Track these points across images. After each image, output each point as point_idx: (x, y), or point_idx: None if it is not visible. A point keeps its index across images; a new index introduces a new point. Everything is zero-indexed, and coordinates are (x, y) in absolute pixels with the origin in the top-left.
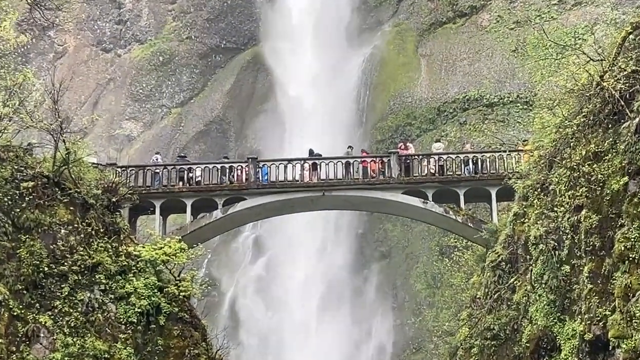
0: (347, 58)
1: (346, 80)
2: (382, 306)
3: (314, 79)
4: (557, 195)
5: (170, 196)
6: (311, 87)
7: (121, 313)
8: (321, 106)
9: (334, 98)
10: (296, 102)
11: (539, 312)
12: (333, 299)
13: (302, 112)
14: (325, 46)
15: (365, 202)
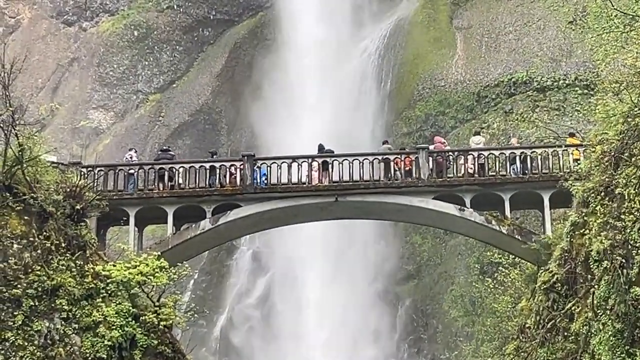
0: (366, 32)
1: (364, 60)
2: (409, 338)
3: (325, 58)
4: (625, 200)
5: (147, 203)
6: (322, 68)
7: (87, 347)
8: (334, 92)
9: (350, 82)
10: (303, 88)
11: (603, 344)
12: (348, 329)
13: (311, 100)
14: (339, 19)
15: (388, 210)
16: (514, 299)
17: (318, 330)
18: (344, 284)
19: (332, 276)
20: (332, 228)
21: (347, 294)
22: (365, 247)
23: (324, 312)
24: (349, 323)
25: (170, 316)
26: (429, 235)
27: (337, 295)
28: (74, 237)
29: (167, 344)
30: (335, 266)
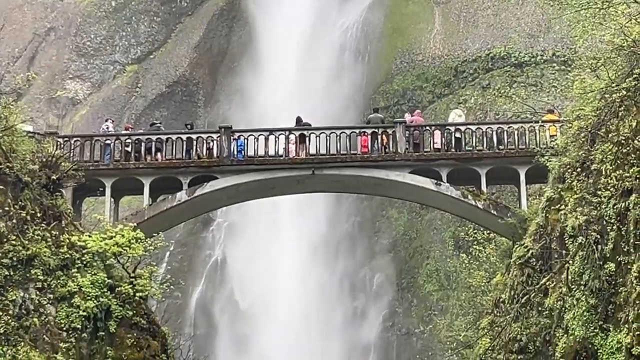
0: (346, 7)
1: (343, 34)
2: (384, 311)
3: (304, 32)
4: (601, 176)
5: (123, 174)
6: (300, 41)
7: (62, 317)
8: (312, 65)
9: (328, 56)
10: (281, 61)
11: (577, 320)
12: (323, 300)
13: (289, 73)
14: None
15: (364, 184)
16: (489, 273)
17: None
18: (318, 259)
19: (306, 250)
20: (308, 202)
21: (322, 267)
22: (342, 221)
23: (297, 284)
24: (321, 296)
25: (145, 287)
26: (405, 210)
27: (310, 269)
28: (50, 207)
29: (143, 315)
30: (309, 240)
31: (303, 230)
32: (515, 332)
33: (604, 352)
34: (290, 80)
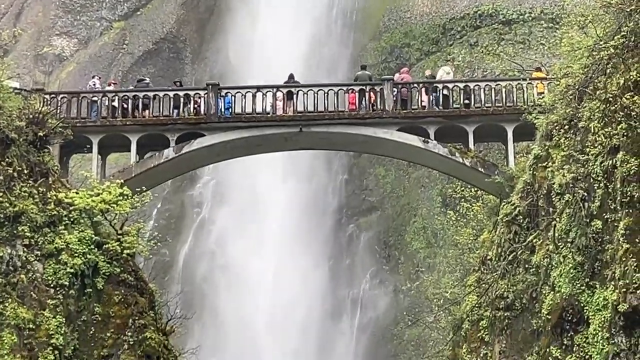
0: None
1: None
2: (371, 269)
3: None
4: (589, 133)
5: (110, 130)
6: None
7: (50, 274)
8: (299, 24)
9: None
10: (269, 18)
11: (563, 277)
12: (310, 258)
13: (278, 30)
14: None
15: (352, 141)
16: (476, 231)
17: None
18: (305, 216)
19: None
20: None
21: (309, 225)
22: (329, 179)
23: (283, 241)
24: (308, 254)
25: (133, 244)
26: (392, 167)
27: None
28: (37, 164)
29: (130, 272)
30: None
31: (290, 188)
32: (502, 289)
33: (590, 309)
34: (277, 38)
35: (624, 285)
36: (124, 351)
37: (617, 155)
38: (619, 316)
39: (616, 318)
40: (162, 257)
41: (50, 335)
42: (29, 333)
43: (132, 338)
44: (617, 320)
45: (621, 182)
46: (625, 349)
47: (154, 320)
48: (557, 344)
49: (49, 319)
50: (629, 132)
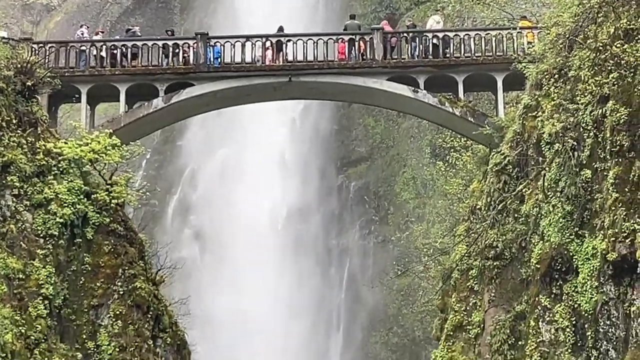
0: None
1: None
2: (361, 219)
3: None
4: (579, 82)
5: (99, 80)
6: None
7: (39, 224)
8: None
9: None
10: None
11: (553, 226)
12: (298, 207)
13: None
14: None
15: (342, 91)
16: (465, 181)
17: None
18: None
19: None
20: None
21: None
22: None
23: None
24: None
25: (122, 194)
26: (382, 118)
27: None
28: (25, 114)
29: (119, 222)
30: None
31: (278, 137)
32: (491, 239)
33: (579, 258)
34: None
35: (612, 234)
36: (114, 301)
37: (607, 104)
38: (607, 265)
39: (605, 267)
40: (152, 208)
41: (40, 285)
42: (18, 283)
43: (122, 288)
44: (606, 269)
45: (611, 131)
46: (614, 297)
47: (143, 270)
48: (546, 292)
49: (38, 268)
50: (619, 80)
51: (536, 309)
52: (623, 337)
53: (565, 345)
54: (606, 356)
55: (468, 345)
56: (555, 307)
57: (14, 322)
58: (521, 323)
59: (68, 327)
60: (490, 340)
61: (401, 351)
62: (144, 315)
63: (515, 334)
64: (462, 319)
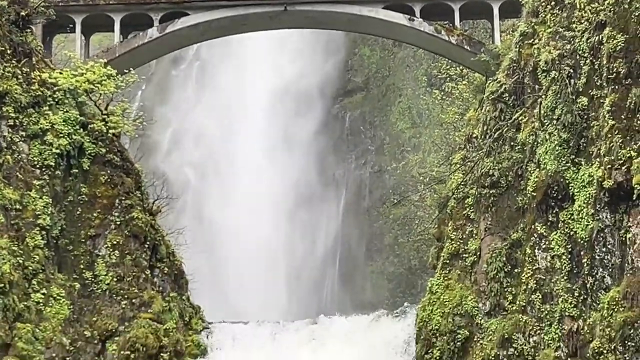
0: None
1: None
2: (357, 149)
3: None
4: (575, 9)
5: (93, 10)
6: None
7: (35, 154)
8: None
9: None
10: None
11: (549, 154)
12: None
13: None
14: None
15: (337, 20)
16: (462, 110)
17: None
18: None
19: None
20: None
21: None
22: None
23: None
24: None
25: (118, 124)
26: (377, 47)
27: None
28: (20, 44)
29: (116, 152)
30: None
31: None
32: (487, 167)
33: (575, 186)
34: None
35: (609, 162)
36: (110, 231)
37: (604, 31)
38: (603, 192)
39: (601, 194)
40: (148, 139)
41: (37, 216)
42: (15, 214)
43: (119, 218)
44: (602, 197)
45: (607, 59)
46: (609, 224)
47: (140, 201)
48: (542, 220)
49: (35, 199)
50: (615, 7)
51: (532, 236)
52: (619, 263)
53: (561, 272)
54: (602, 283)
55: (464, 273)
56: (551, 234)
57: (12, 253)
58: (517, 251)
59: (65, 257)
60: (487, 268)
61: (397, 280)
62: (141, 245)
63: (511, 261)
64: (459, 247)
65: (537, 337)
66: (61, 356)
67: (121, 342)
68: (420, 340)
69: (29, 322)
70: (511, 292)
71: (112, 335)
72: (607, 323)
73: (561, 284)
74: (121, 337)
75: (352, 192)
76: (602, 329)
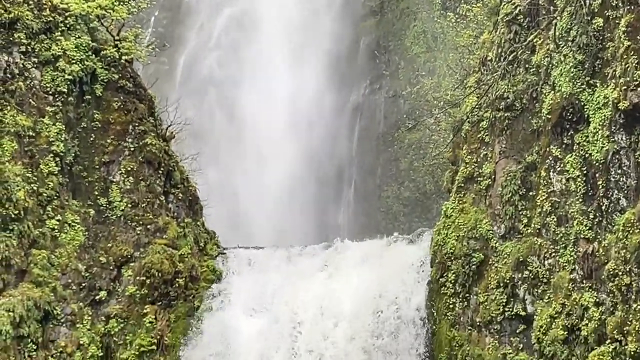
0: None
1: None
2: (371, 74)
3: None
4: None
5: None
6: None
7: (48, 81)
8: None
9: None
10: None
11: (564, 76)
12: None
13: None
14: None
15: None
16: (476, 32)
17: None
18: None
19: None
20: None
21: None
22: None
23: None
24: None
25: (130, 50)
26: None
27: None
28: None
29: (129, 78)
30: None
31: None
32: (502, 90)
33: (590, 108)
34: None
35: (624, 83)
36: (124, 157)
37: None
38: (619, 114)
39: (616, 116)
40: (161, 65)
41: (50, 143)
42: (29, 140)
43: (133, 144)
44: (617, 118)
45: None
46: (625, 146)
47: (154, 127)
48: (557, 143)
49: (48, 126)
50: None
51: (547, 159)
52: (634, 185)
53: (576, 194)
54: (617, 205)
55: (479, 197)
56: (566, 157)
57: (26, 180)
58: (532, 174)
59: (80, 184)
60: (501, 192)
61: (413, 205)
62: (155, 171)
63: (526, 184)
64: (473, 170)
65: (552, 260)
66: (77, 282)
67: (136, 268)
68: (435, 264)
69: (44, 249)
70: (526, 215)
71: (127, 261)
72: (622, 245)
73: (576, 207)
74: (136, 263)
75: (366, 117)
76: (617, 251)
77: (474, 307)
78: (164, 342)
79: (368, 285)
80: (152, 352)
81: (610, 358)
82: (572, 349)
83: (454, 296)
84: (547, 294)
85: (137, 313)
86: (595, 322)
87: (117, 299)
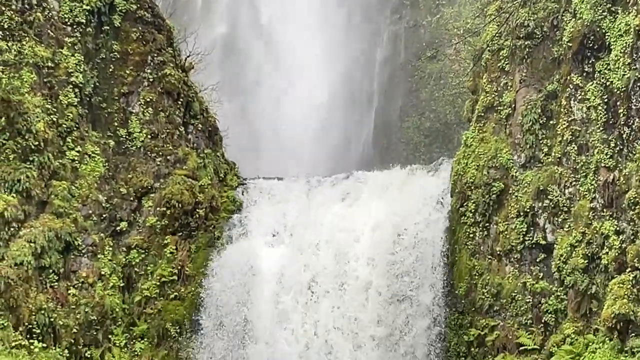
0: None
1: None
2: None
3: None
4: None
5: None
6: None
7: (66, 12)
8: None
9: None
10: None
11: (585, 3)
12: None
13: None
14: None
15: None
16: None
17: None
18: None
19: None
20: None
21: None
22: None
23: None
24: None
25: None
26: None
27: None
28: None
29: (147, 9)
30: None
31: None
32: (522, 18)
33: (611, 35)
34: None
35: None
36: (143, 88)
37: None
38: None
39: (638, 43)
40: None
41: (69, 74)
42: (48, 71)
43: (152, 75)
44: (638, 46)
45: None
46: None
47: (172, 57)
48: (578, 71)
49: (67, 57)
50: None
51: (568, 87)
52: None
53: (597, 123)
54: (638, 133)
55: (499, 126)
56: (587, 85)
57: (46, 111)
58: (552, 102)
59: (99, 114)
60: (522, 120)
61: (434, 135)
62: (174, 102)
63: (547, 113)
64: (493, 99)
65: (572, 189)
66: (97, 213)
67: (157, 199)
68: (455, 194)
69: (64, 180)
70: (546, 143)
71: (147, 192)
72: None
73: (597, 135)
74: (157, 193)
75: (387, 47)
76: (638, 179)
77: (494, 236)
78: (184, 272)
79: (388, 212)
80: (173, 282)
81: (631, 286)
82: (592, 277)
83: (474, 225)
84: (567, 223)
85: (158, 244)
86: (616, 251)
87: (138, 230)
